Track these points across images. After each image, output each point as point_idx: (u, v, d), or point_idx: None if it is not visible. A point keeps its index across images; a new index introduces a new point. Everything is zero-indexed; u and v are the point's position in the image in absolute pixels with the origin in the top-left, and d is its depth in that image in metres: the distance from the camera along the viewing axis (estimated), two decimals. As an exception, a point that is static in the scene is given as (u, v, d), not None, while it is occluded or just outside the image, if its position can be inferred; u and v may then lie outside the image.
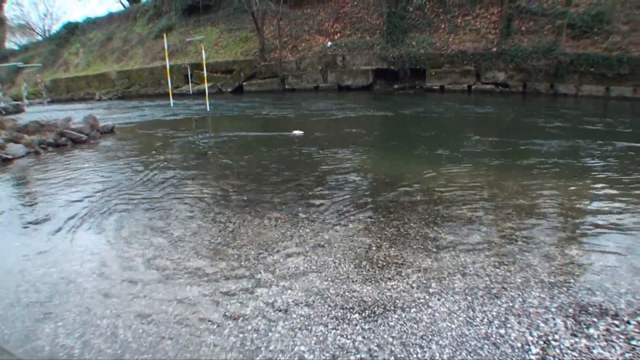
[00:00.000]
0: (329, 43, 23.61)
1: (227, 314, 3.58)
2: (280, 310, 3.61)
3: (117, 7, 49.35)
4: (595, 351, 3.15)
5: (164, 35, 22.61)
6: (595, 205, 6.37)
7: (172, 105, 20.07)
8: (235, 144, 10.74)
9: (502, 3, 20.50)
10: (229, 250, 4.72)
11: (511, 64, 19.82)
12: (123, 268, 4.42)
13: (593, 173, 8.00)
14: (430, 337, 3.29)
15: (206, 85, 21.53)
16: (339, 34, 23.67)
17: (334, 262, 4.36)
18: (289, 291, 3.88)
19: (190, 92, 26.47)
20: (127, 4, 40.77)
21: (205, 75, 21.64)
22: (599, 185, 7.21)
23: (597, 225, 5.56)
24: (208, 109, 18.14)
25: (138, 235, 5.22)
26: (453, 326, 3.40)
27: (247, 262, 4.43)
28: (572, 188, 7.11)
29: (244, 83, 25.42)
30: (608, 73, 19.21)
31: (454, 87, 20.30)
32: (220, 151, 10.05)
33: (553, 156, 9.03)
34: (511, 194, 6.59)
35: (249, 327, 3.40)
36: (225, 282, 4.07)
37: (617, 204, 6.36)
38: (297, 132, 11.53)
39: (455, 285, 3.94)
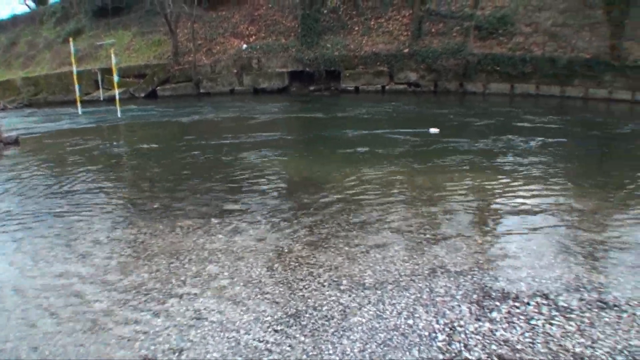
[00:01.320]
0: (244, 46, 23.48)
1: (137, 327, 3.47)
2: (192, 319, 3.57)
3: (22, 9, 46.88)
4: (498, 333, 3.34)
5: (70, 39, 21.59)
6: (499, 197, 6.78)
7: (80, 113, 19.18)
8: (147, 152, 10.38)
9: (413, 6, 21.27)
10: (139, 262, 4.58)
11: (422, 65, 20.53)
12: (28, 287, 4.16)
13: (500, 167, 8.45)
14: (341, 333, 3.37)
15: (117, 91, 20.71)
16: (254, 37, 23.61)
17: (246, 267, 4.38)
18: (201, 299, 3.85)
19: (102, 98, 25.45)
20: (33, 5, 38.75)
21: (115, 80, 20.82)
22: (505, 179, 7.64)
23: (501, 216, 5.91)
24: (119, 116, 17.46)
25: (43, 251, 4.93)
26: (363, 320, 3.50)
27: (158, 273, 4.33)
28: (479, 181, 7.47)
29: (158, 88, 24.74)
30: (513, 72, 20.33)
31: (368, 88, 20.72)
32: (130, 159, 9.74)
33: (465, 151, 9.40)
34: (422, 190, 6.85)
35: (160, 339, 3.32)
36: (136, 294, 3.94)
37: (520, 195, 6.81)
38: (433, 130, 11.29)
39: (366, 281, 4.06)
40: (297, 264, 4.42)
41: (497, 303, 3.75)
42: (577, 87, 20.87)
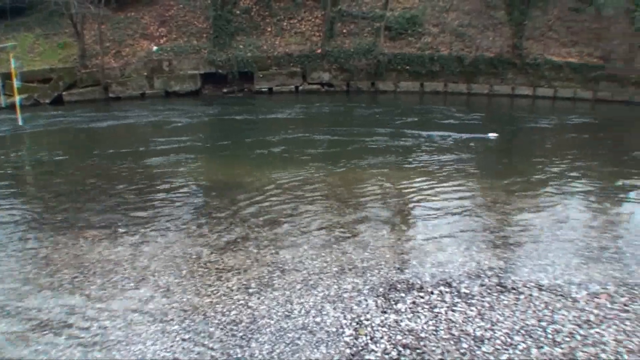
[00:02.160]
0: (155, 48, 22.93)
1: (38, 349, 3.27)
2: (96, 335, 3.44)
3: None
4: (403, 323, 3.48)
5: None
6: (409, 193, 7.07)
7: (-26, 121, 17.93)
8: (51, 161, 9.78)
9: (325, 7, 21.56)
10: (41, 278, 4.37)
11: (335, 65, 20.92)
12: None
13: (411, 163, 8.79)
14: (249, 336, 3.39)
15: (17, 97, 19.52)
16: (164, 38, 23.12)
17: (154, 276, 4.30)
18: (106, 313, 3.73)
19: (2, 105, 23.93)
20: None
21: (16, 85, 19.62)
22: (416, 175, 8.01)
23: (409, 211, 6.19)
24: (21, 124, 16.42)
25: None
26: (272, 322, 3.56)
27: (61, 289, 4.15)
28: (390, 178, 7.72)
29: (64, 93, 23.62)
30: (422, 70, 21.13)
31: (282, 89, 20.84)
32: (33, 170, 9.20)
33: (379, 150, 9.63)
34: (335, 189, 7.03)
35: (63, 359, 3.17)
36: (37, 314, 3.73)
37: (429, 190, 7.12)
38: (492, 135, 11.03)
39: (275, 282, 4.16)
40: (205, 269, 4.42)
41: (403, 295, 3.91)
42: (482, 84, 22.04)
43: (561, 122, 15.82)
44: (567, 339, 3.36)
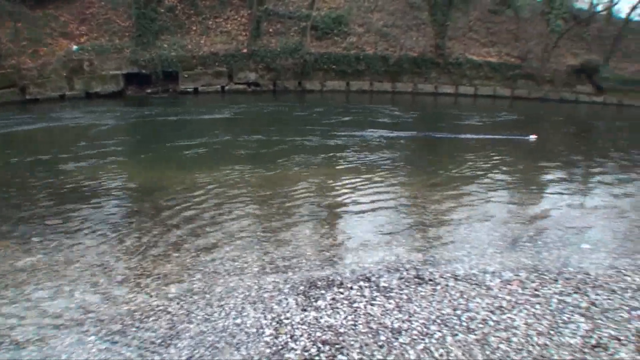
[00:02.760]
0: (75, 47, 22.23)
1: None
2: (9, 351, 3.28)
3: None
4: (322, 320, 3.51)
5: None
6: (334, 191, 7.13)
7: None
8: None
9: (251, 6, 21.63)
10: None
11: (261, 64, 21.08)
12: None
13: (339, 161, 8.92)
14: (168, 342, 3.32)
15: None
16: (85, 37, 22.48)
17: (69, 286, 4.15)
18: (19, 328, 3.56)
19: None
20: None
21: None
22: (341, 173, 8.16)
23: (332, 208, 6.27)
24: None
25: None
26: (191, 326, 3.50)
27: None
28: (314, 176, 7.87)
29: (-24, 95, 22.42)
30: (348, 70, 21.64)
31: (208, 89, 20.76)
32: None
33: (309, 149, 9.75)
34: (259, 189, 7.06)
35: None
36: None
37: (354, 187, 7.25)
38: (532, 137, 11.09)
39: (195, 286, 4.10)
40: (123, 276, 4.31)
41: (323, 291, 3.96)
42: (406, 82, 22.82)
43: (493, 119, 16.69)
44: (481, 326, 3.51)
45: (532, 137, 12.33)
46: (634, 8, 28.49)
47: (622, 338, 3.40)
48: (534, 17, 26.96)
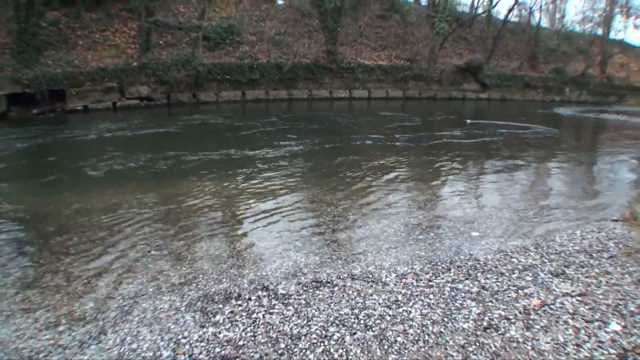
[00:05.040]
0: (-53, 66, 21.25)
1: None
2: None
3: None
4: (221, 335, 3.56)
5: None
6: (228, 202, 7.22)
7: None
8: None
9: (140, 18, 21.71)
10: None
11: (153, 77, 21.26)
12: None
13: (231, 173, 9.01)
14: None
15: None
16: (-42, 56, 21.54)
17: None
18: None
19: None
20: None
21: None
22: (238, 183, 8.23)
23: (226, 220, 6.36)
24: None
25: None
26: (85, 357, 3.42)
27: None
28: (211, 188, 7.88)
29: None
30: (242, 79, 22.41)
31: (98, 106, 20.70)
32: None
33: (202, 163, 9.88)
34: (152, 207, 6.98)
35: None
36: None
37: (248, 197, 7.40)
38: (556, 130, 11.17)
39: (87, 314, 3.98)
40: (9, 312, 4.08)
41: (221, 306, 3.97)
42: (301, 89, 24.01)
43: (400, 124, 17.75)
44: (378, 322, 3.64)
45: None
46: (510, 10, 31.70)
47: (511, 317, 3.67)
48: (419, 21, 29.21)
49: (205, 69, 22.06)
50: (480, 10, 33.48)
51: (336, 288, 4.26)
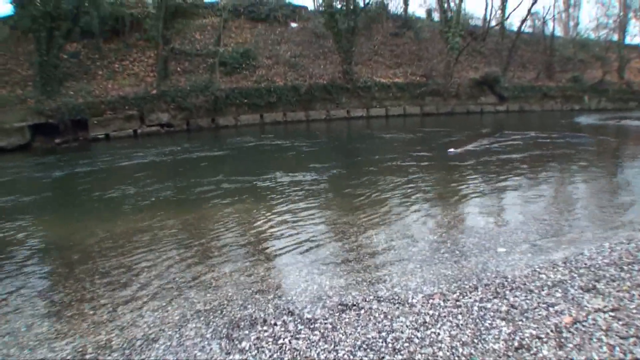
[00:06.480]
0: (-27, 101, 21.99)
1: None
2: None
3: None
4: None
5: None
6: (252, 228, 7.27)
7: None
8: None
9: (157, 46, 22.29)
10: None
11: (172, 104, 21.81)
12: None
13: (254, 197, 9.11)
14: None
15: None
16: (-16, 90, 22.31)
17: None
18: None
19: None
20: None
21: None
22: (263, 209, 8.25)
23: (250, 245, 6.41)
24: None
25: None
26: None
27: None
28: (237, 215, 7.95)
29: None
30: (260, 102, 22.85)
31: (120, 134, 21.22)
32: None
33: (224, 189, 10.01)
34: (175, 234, 7.09)
35: None
36: None
37: (272, 222, 7.44)
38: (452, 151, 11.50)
39: (113, 342, 4.05)
40: (36, 342, 4.18)
41: (247, 332, 3.98)
42: (319, 110, 24.33)
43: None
44: (406, 345, 3.59)
45: (452, 150, 13.43)
46: (523, 21, 31.87)
47: (542, 336, 3.58)
48: (433, 36, 29.53)
49: (223, 93, 22.53)
50: (493, 23, 33.78)
51: (362, 311, 4.22)
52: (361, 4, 26.14)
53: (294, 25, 28.97)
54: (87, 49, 23.74)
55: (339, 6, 25.10)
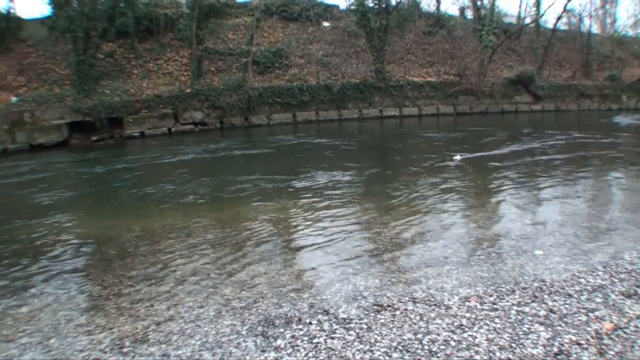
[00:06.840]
0: (14, 98, 22.67)
1: None
2: None
3: None
4: None
5: None
6: (286, 225, 7.36)
7: None
8: None
9: (191, 46, 22.57)
10: None
11: (206, 103, 22.06)
12: None
13: (288, 197, 9.14)
14: None
15: None
16: (24, 88, 22.98)
17: (18, 349, 4.05)
18: None
19: None
20: None
21: None
22: (296, 207, 8.34)
23: (284, 244, 6.48)
24: None
25: None
26: None
27: None
28: (268, 213, 8.02)
29: None
30: (293, 101, 22.91)
31: (155, 132, 21.53)
32: None
33: (258, 187, 10.07)
34: (210, 230, 7.21)
35: None
36: None
37: (306, 221, 7.47)
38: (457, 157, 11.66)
39: (150, 337, 4.08)
40: (75, 333, 4.25)
41: (282, 330, 3.98)
42: (351, 109, 24.28)
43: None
44: (443, 347, 3.55)
45: (458, 157, 13.12)
46: (559, 18, 31.21)
47: (582, 342, 3.50)
48: (466, 35, 29.14)
49: (256, 92, 22.68)
50: (527, 21, 33.13)
51: (398, 312, 4.19)
52: (393, 2, 25.98)
53: (326, 24, 28.97)
54: (123, 48, 24.17)
55: (370, 5, 24.97)
